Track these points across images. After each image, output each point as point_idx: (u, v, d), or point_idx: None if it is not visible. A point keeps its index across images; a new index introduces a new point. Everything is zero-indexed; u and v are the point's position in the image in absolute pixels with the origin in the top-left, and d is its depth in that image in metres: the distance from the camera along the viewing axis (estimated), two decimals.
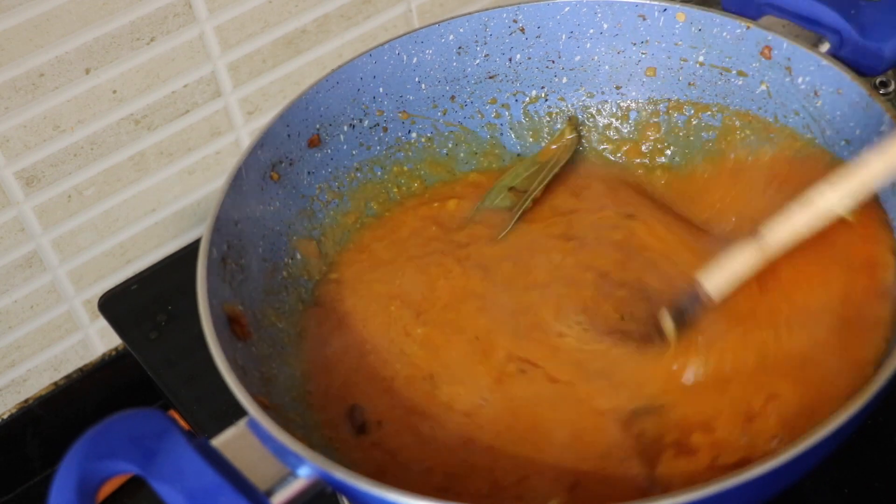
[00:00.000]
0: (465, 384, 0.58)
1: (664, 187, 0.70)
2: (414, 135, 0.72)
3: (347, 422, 0.58)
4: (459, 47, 0.71)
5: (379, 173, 0.71)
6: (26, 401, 0.85)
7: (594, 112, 0.74)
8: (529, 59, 0.72)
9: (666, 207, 0.68)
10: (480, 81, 0.73)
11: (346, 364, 0.61)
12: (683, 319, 0.57)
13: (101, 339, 0.87)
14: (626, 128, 0.73)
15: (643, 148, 0.72)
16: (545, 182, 0.69)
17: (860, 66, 0.66)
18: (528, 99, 0.73)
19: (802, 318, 0.56)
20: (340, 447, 0.57)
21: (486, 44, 0.72)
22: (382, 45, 0.69)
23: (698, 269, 0.58)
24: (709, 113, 0.70)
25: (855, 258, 0.58)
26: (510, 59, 0.72)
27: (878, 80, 0.79)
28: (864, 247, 0.58)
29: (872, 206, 0.59)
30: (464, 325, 0.61)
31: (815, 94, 0.64)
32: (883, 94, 0.79)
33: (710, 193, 0.68)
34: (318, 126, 0.68)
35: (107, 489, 0.82)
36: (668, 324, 0.57)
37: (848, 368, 0.53)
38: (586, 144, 0.73)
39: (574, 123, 0.73)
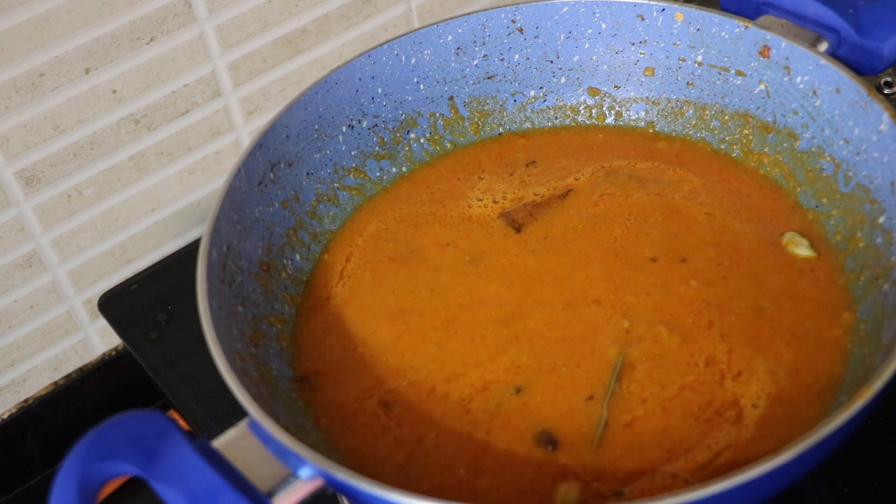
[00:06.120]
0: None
1: None
2: (412, 135, 0.72)
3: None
4: (458, 48, 0.71)
5: (378, 174, 0.71)
6: (26, 401, 0.85)
7: None
8: (528, 59, 0.73)
9: None
10: (479, 82, 0.73)
11: (346, 363, 0.61)
12: None
13: (101, 339, 0.87)
14: None
15: None
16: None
17: (859, 65, 0.67)
18: (526, 99, 0.73)
19: None
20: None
21: (484, 44, 0.72)
22: (381, 45, 0.69)
23: None
24: (707, 112, 0.70)
25: None
26: (509, 60, 0.73)
27: (882, 80, 0.79)
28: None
29: None
30: (469, 328, 0.61)
31: (814, 93, 0.64)
32: (888, 94, 0.79)
33: None
34: (316, 132, 0.68)
35: (107, 489, 0.82)
36: None
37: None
38: None
39: None
